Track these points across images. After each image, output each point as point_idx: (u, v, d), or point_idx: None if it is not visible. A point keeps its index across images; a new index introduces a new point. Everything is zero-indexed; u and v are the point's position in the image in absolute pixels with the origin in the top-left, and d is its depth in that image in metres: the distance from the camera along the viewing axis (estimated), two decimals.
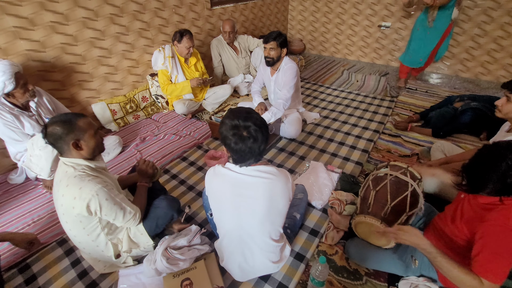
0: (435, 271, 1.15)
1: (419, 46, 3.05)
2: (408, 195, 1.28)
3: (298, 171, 1.99)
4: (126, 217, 1.19)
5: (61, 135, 1.05)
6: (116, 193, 1.16)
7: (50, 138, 1.07)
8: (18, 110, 1.70)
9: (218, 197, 1.12)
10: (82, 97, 2.36)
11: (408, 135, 2.39)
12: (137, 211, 1.25)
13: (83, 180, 1.07)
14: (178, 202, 1.52)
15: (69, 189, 1.06)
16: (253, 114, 1.02)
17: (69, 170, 1.09)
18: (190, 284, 1.19)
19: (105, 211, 1.11)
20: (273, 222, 1.12)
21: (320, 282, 1.14)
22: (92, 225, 1.17)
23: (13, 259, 1.41)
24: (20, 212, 1.69)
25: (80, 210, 1.07)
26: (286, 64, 2.17)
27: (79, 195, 1.05)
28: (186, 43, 2.47)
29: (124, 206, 1.18)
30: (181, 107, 2.61)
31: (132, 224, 1.25)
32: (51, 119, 1.09)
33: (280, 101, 2.15)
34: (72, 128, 1.07)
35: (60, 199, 1.10)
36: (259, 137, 0.98)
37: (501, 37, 3.11)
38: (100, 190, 1.08)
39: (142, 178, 1.43)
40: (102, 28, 2.31)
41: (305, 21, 4.54)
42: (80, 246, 1.25)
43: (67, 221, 1.15)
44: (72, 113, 1.14)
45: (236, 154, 1.02)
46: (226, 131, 0.99)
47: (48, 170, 1.69)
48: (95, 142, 1.14)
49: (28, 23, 1.89)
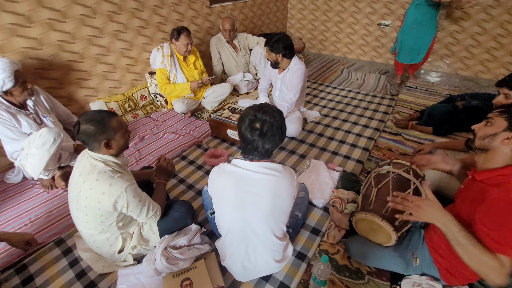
0: (436, 269, 1.14)
1: (417, 43, 3.05)
2: (410, 193, 1.27)
3: (299, 170, 1.97)
4: (149, 213, 1.22)
5: (94, 134, 1.07)
6: (140, 191, 1.19)
7: (82, 136, 1.08)
8: (15, 108, 1.67)
9: (221, 194, 1.10)
10: (80, 95, 2.33)
11: (408, 133, 2.38)
12: (158, 208, 1.28)
13: (113, 177, 1.10)
14: (193, 209, 1.54)
15: (98, 183, 1.08)
16: (277, 115, 1.02)
17: (99, 165, 1.12)
18: (190, 284, 1.18)
19: (131, 207, 1.14)
20: (277, 219, 1.11)
21: (322, 281, 1.12)
22: (110, 219, 1.18)
23: (9, 259, 1.38)
24: (17, 212, 1.67)
25: (107, 205, 1.10)
26: (296, 65, 2.16)
27: (109, 191, 1.08)
28: (184, 40, 2.45)
29: (148, 203, 1.21)
30: (180, 105, 2.59)
31: (153, 220, 1.28)
32: (85, 117, 1.09)
33: (284, 104, 2.14)
34: (105, 128, 1.09)
35: (85, 192, 1.10)
36: (268, 134, 0.98)
37: (501, 35, 3.11)
38: (128, 187, 1.11)
39: (161, 175, 1.45)
40: (100, 25, 2.28)
41: (304, 20, 4.53)
42: (91, 238, 1.24)
43: (87, 214, 1.15)
44: (105, 111, 1.15)
45: (242, 140, 1.04)
46: (245, 114, 1.02)
47: (40, 170, 1.65)
48: (124, 141, 1.18)
49: (25, 20, 1.87)
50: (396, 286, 1.25)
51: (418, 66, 3.40)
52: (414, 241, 1.23)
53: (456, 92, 3.10)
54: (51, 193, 1.81)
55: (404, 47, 3.15)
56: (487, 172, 1.00)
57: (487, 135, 1.00)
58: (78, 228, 1.27)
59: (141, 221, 1.25)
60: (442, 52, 3.56)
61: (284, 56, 2.12)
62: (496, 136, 0.98)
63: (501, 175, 0.96)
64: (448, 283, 1.14)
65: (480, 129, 1.04)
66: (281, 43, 2.06)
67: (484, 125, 1.03)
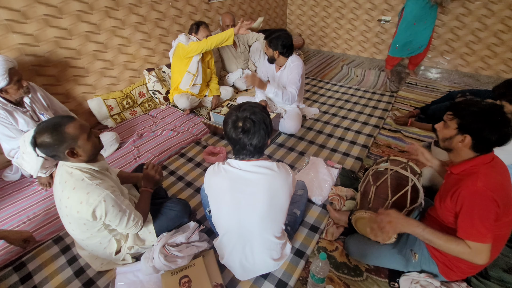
0: (435, 264, 1.14)
1: (417, 37, 3.05)
2: (409, 190, 1.27)
3: (297, 167, 1.97)
4: (129, 224, 1.15)
5: (52, 146, 0.98)
6: (122, 199, 1.12)
7: (41, 150, 0.99)
8: (11, 106, 1.66)
9: (217, 195, 1.09)
10: (78, 92, 2.32)
11: (408, 130, 2.37)
12: (140, 218, 1.21)
13: (91, 185, 1.03)
14: (190, 207, 1.50)
15: (76, 192, 1.03)
16: (257, 110, 1.01)
17: (75, 172, 1.05)
18: (189, 281, 1.18)
19: (109, 217, 1.08)
20: (274, 219, 1.10)
21: (320, 278, 1.12)
22: (96, 226, 1.14)
23: (8, 257, 1.38)
24: (15, 210, 1.66)
25: (85, 214, 1.04)
26: (293, 62, 2.14)
27: (86, 200, 1.02)
28: (203, 32, 2.44)
29: (129, 213, 1.14)
30: (184, 101, 2.54)
31: (133, 230, 1.20)
32: (38, 129, 0.99)
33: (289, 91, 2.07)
34: (62, 138, 0.98)
35: (64, 201, 1.05)
36: (251, 130, 0.98)
37: (502, 31, 3.09)
38: (107, 196, 1.04)
39: (148, 183, 1.35)
40: (97, 21, 2.26)
41: (304, 16, 4.49)
42: (83, 243, 1.23)
43: (70, 222, 1.12)
44: (60, 116, 1.05)
45: (229, 142, 1.04)
46: (228, 116, 1.03)
47: (37, 168, 1.65)
48: (91, 145, 1.07)
49: (21, 16, 1.85)
50: (394, 283, 1.25)
51: (419, 62, 3.38)
52: (412, 237, 1.23)
53: (456, 89, 3.09)
54: (49, 191, 1.80)
55: (404, 43, 3.13)
56: (461, 165, 1.05)
57: (445, 138, 1.07)
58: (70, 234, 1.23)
59: (120, 230, 1.19)
60: (443, 48, 3.53)
61: (281, 54, 2.10)
62: (452, 139, 1.04)
63: (473, 165, 1.01)
64: (448, 278, 1.15)
65: (440, 131, 1.10)
66: (280, 41, 2.04)
67: (443, 126, 1.08)
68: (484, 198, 0.93)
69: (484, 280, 1.20)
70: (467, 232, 0.95)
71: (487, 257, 0.94)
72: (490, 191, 0.92)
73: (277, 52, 2.09)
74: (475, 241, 0.94)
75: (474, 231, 0.94)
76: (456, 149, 1.05)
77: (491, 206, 0.92)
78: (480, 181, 0.94)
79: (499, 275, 1.21)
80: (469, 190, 0.95)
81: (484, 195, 0.93)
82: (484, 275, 1.22)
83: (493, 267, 1.24)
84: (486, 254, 0.94)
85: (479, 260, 0.94)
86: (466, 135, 0.99)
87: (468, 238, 0.95)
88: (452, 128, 1.03)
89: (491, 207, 0.92)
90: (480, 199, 0.93)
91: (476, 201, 0.94)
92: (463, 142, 1.01)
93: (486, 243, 0.93)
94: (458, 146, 1.03)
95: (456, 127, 1.02)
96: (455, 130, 1.02)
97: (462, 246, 0.95)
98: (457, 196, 0.99)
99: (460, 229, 0.98)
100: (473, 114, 0.98)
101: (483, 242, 0.93)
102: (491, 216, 0.93)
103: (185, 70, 2.51)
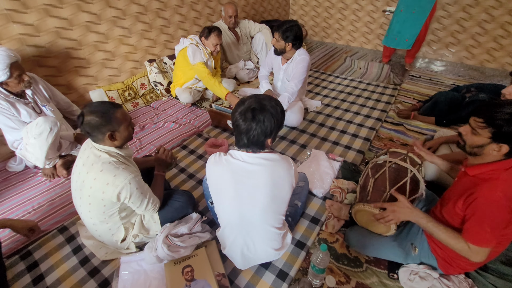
0: (434, 258, 1.16)
1: (404, 27, 3.01)
2: (407, 181, 1.27)
3: (299, 160, 1.97)
4: (148, 206, 1.23)
5: (98, 126, 1.07)
6: (143, 183, 1.20)
7: (86, 127, 1.08)
8: (13, 97, 1.66)
9: (218, 186, 1.10)
10: (79, 83, 2.31)
11: (410, 123, 2.35)
12: (157, 201, 1.29)
13: (118, 168, 1.10)
14: (194, 199, 1.54)
15: (103, 174, 1.09)
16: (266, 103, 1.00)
17: (103, 156, 1.12)
18: (191, 271, 1.20)
19: (133, 199, 1.15)
20: (276, 210, 1.11)
21: (320, 269, 1.14)
22: (113, 209, 1.19)
23: (14, 246, 1.41)
24: (20, 200, 1.69)
25: (110, 196, 1.10)
26: (300, 55, 2.10)
27: (113, 182, 1.08)
28: (214, 40, 2.40)
29: (149, 196, 1.22)
30: (187, 96, 2.52)
31: (151, 212, 1.29)
32: (89, 108, 1.08)
33: (286, 95, 2.08)
34: (109, 120, 1.08)
35: (90, 182, 1.11)
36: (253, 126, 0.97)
37: (509, 23, 3.02)
38: (132, 179, 1.11)
39: (160, 167, 1.43)
40: (98, 11, 2.23)
41: (307, 6, 4.41)
42: (93, 228, 1.27)
43: (90, 203, 1.16)
44: (110, 102, 1.15)
45: (236, 130, 1.03)
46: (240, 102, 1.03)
47: (43, 159, 1.67)
48: (128, 133, 1.18)
49: (21, 5, 1.82)
50: (393, 274, 1.27)
51: (413, 55, 3.33)
52: (413, 231, 1.24)
53: (460, 82, 3.05)
54: (53, 181, 1.82)
55: (391, 30, 3.10)
56: (479, 167, 1.02)
57: (475, 145, 1.00)
58: (81, 217, 1.29)
59: (139, 212, 1.27)
60: (448, 40, 3.48)
61: (293, 46, 2.05)
62: (484, 147, 0.98)
63: (492, 170, 0.97)
64: (446, 272, 1.16)
65: (468, 136, 1.03)
66: (294, 32, 1.98)
67: (471, 132, 1.01)
68: (500, 209, 0.90)
69: (482, 272, 1.22)
70: (473, 237, 0.95)
71: (484, 257, 0.95)
72: (508, 200, 0.90)
73: (290, 44, 2.03)
74: (477, 245, 0.94)
75: (480, 237, 0.93)
76: (486, 155, 0.99)
77: (505, 216, 0.91)
78: (500, 190, 0.91)
79: (498, 267, 1.23)
80: (487, 200, 0.92)
81: (501, 204, 0.90)
82: (482, 267, 1.23)
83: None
84: (483, 254, 0.95)
85: (475, 259, 0.96)
86: (502, 144, 0.93)
87: (472, 242, 0.94)
88: (484, 137, 0.96)
89: (505, 216, 0.91)
90: (497, 209, 0.91)
91: (492, 210, 0.91)
92: (499, 151, 0.95)
93: (487, 248, 0.93)
94: (491, 153, 0.97)
95: (489, 136, 0.94)
96: (489, 139, 0.95)
97: (462, 245, 0.96)
98: (471, 201, 0.96)
99: (466, 232, 0.97)
100: (509, 123, 0.90)
101: (485, 247, 0.93)
102: (502, 225, 0.92)
103: (191, 74, 2.51)
